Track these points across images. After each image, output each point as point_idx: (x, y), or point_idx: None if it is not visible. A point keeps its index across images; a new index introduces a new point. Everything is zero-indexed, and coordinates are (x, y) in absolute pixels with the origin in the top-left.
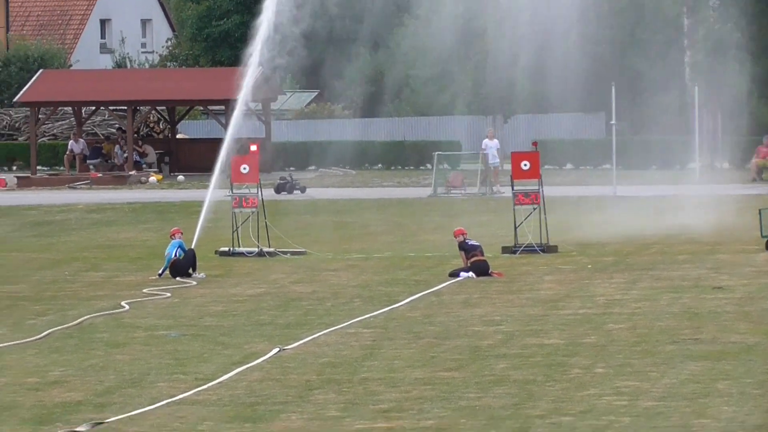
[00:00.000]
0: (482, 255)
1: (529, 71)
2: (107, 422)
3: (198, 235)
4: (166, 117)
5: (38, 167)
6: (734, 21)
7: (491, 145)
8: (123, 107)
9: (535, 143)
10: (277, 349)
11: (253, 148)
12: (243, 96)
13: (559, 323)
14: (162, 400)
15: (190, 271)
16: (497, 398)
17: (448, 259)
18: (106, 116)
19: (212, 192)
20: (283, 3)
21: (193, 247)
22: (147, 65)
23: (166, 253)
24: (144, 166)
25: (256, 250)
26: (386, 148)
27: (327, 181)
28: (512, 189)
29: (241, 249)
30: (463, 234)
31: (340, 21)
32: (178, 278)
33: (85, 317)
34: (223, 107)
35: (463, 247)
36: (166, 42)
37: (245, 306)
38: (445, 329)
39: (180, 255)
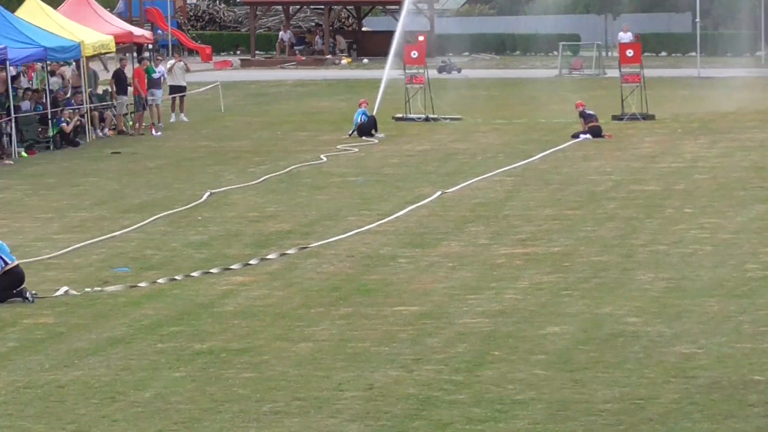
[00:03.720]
0: (597, 121)
1: None
2: (310, 247)
3: (378, 105)
4: (354, 14)
5: (256, 52)
6: None
7: (624, 37)
8: (321, 6)
9: (637, 36)
10: (440, 192)
11: (421, 38)
12: None
13: (656, 174)
14: (352, 230)
15: (373, 132)
16: (608, 231)
17: (571, 124)
18: (308, 13)
19: (389, 72)
20: None
21: (374, 113)
22: None
23: (354, 119)
24: (337, 51)
25: (423, 116)
26: (523, 39)
27: (478, 64)
28: (620, 71)
29: (412, 115)
30: (582, 105)
31: None
32: (363, 137)
33: (293, 166)
34: (397, 6)
35: (583, 115)
36: None
37: (415, 159)
38: (568, 178)
39: (364, 120)
